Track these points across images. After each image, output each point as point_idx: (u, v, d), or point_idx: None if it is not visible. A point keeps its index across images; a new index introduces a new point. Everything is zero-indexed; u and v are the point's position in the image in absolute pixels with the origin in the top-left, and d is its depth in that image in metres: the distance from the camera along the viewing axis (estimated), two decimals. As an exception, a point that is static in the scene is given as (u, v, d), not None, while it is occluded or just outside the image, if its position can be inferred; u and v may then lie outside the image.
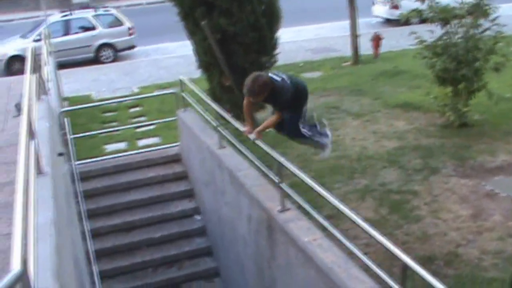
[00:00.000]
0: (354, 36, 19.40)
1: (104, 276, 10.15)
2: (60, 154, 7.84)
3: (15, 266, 2.95)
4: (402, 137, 12.21)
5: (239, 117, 12.91)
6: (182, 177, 11.86)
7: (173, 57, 22.96)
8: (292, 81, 7.32)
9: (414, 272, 4.83)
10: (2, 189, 6.51)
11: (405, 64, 17.94)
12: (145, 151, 12.51)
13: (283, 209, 7.22)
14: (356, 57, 19.52)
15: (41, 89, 8.94)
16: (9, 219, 5.76)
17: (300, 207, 7.23)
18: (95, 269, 9.81)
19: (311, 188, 6.48)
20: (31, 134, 5.51)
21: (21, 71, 12.35)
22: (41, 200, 5.13)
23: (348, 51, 20.02)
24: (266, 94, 7.09)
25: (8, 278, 2.78)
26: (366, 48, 20.01)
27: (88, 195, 11.12)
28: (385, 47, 20.48)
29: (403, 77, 16.86)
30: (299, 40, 23.93)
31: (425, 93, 13.60)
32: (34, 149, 5.49)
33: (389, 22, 26.18)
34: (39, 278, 3.65)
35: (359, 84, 16.32)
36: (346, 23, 20.04)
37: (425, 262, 8.14)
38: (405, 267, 4.93)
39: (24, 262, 3.06)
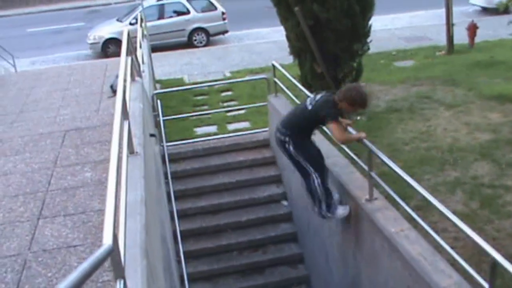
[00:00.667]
0: (449, 24, 18.87)
1: (189, 256, 10.35)
2: (152, 135, 8.03)
3: (106, 241, 3.05)
4: (496, 130, 11.81)
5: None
6: (270, 162, 11.91)
7: (265, 42, 23.04)
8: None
9: (504, 270, 4.71)
10: (95, 167, 6.74)
11: (502, 54, 17.38)
12: (235, 135, 12.62)
13: (371, 198, 7.16)
14: (451, 46, 18.99)
15: (135, 71, 9.14)
16: (101, 196, 5.97)
17: (387, 197, 7.16)
18: (181, 248, 10.01)
19: (400, 178, 6.40)
20: (125, 114, 5.64)
21: (116, 54, 12.64)
22: (132, 179, 5.27)
23: (442, 40, 19.52)
24: None
25: (99, 252, 2.88)
26: (461, 37, 19.43)
27: (178, 177, 11.35)
28: (481, 36, 19.85)
29: (499, 68, 16.30)
30: (392, 28, 23.56)
31: (523, 85, 13.13)
32: (127, 129, 5.62)
33: (486, 10, 25.37)
34: (128, 254, 3.76)
35: (453, 74, 15.88)
36: (442, 11, 19.48)
37: (516, 260, 7.91)
38: (495, 264, 4.81)
39: (115, 237, 3.15)
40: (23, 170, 6.99)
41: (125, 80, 6.52)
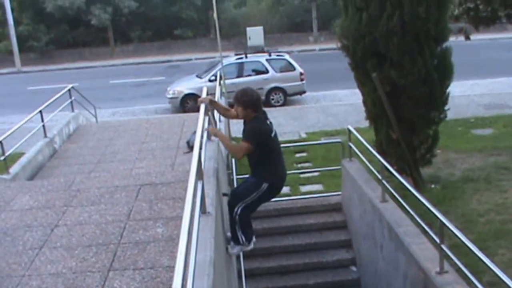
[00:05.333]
0: (532, 93, 18.51)
1: (255, 317, 10.32)
2: (225, 195, 8.09)
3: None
4: None
5: (404, 171, 12.75)
6: (341, 226, 11.83)
7: (342, 104, 23.08)
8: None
9: None
10: (167, 223, 6.84)
11: None
12: (307, 198, 12.61)
13: (441, 271, 7.01)
14: (533, 116, 18.60)
15: (212, 129, 9.27)
16: (171, 252, 6.05)
17: (458, 270, 7.00)
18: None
19: (472, 251, 6.27)
20: (199, 175, 5.74)
21: (194, 109, 12.84)
22: (202, 239, 5.32)
23: (524, 109, 19.19)
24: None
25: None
26: (545, 107, 19.03)
27: (247, 236, 11.36)
28: None
29: None
30: (471, 95, 23.22)
31: None
32: (201, 189, 5.70)
33: None
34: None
35: (534, 145, 15.53)
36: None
37: None
38: None
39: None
40: (98, 221, 7.17)
41: (201, 138, 6.65)
